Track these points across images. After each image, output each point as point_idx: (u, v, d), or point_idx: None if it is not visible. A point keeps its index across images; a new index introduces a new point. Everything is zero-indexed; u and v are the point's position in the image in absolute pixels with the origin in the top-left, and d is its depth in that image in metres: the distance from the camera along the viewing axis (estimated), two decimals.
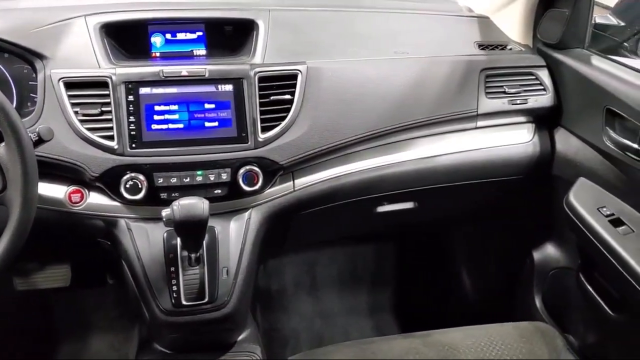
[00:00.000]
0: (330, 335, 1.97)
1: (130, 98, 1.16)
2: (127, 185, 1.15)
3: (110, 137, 1.15)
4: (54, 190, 1.18)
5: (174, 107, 1.18)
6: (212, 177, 1.19)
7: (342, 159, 1.32)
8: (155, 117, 1.17)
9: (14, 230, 0.94)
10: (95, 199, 1.19)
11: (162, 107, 1.17)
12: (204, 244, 1.17)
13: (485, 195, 1.57)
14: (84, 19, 1.22)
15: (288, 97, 1.24)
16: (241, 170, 1.20)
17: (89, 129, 1.14)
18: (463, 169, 1.43)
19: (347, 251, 2.09)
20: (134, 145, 1.15)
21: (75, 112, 1.14)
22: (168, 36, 1.28)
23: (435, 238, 2.04)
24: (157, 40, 1.28)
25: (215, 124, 1.19)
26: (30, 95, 1.19)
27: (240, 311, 1.23)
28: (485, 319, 1.31)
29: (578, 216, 1.26)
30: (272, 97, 1.22)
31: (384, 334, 1.69)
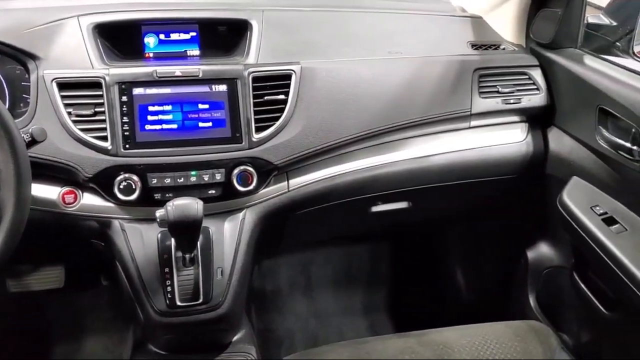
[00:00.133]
0: (325, 335, 1.97)
1: (124, 98, 1.15)
2: (121, 186, 1.14)
3: (104, 138, 1.14)
4: (47, 191, 1.17)
5: (168, 108, 1.18)
6: (206, 178, 1.18)
7: (336, 159, 1.33)
8: (149, 118, 1.17)
9: (7, 231, 0.94)
10: (89, 200, 1.19)
11: (156, 108, 1.17)
12: (198, 245, 1.16)
13: (479, 195, 1.57)
14: (77, 20, 1.21)
15: (282, 97, 1.24)
16: (235, 171, 1.20)
17: (82, 130, 1.13)
18: (457, 168, 1.44)
19: (342, 251, 2.09)
20: (127, 146, 1.15)
21: (69, 113, 1.13)
22: (162, 36, 1.28)
23: (430, 238, 2.04)
24: (150, 40, 1.28)
25: (209, 124, 1.19)
26: (23, 96, 1.18)
27: (235, 311, 1.23)
28: (479, 318, 1.31)
29: (571, 215, 1.27)
30: (266, 97, 1.22)
31: (379, 334, 1.69)
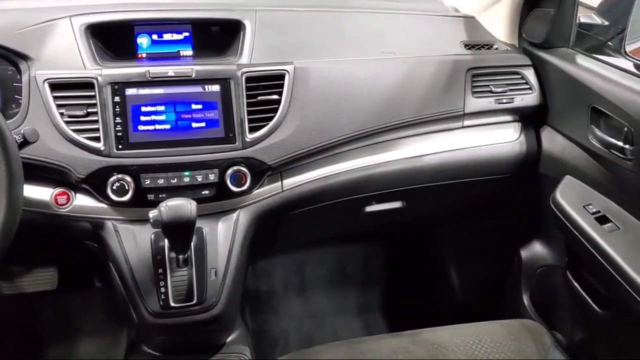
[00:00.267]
0: (320, 335, 1.97)
1: (117, 99, 1.15)
2: (114, 187, 1.14)
3: (97, 139, 1.14)
4: (39, 193, 1.16)
5: (161, 108, 1.17)
6: (199, 178, 1.18)
7: (330, 159, 1.33)
8: (142, 118, 1.16)
9: None
10: (82, 201, 1.18)
11: (149, 108, 1.17)
12: (192, 245, 1.16)
13: (473, 195, 1.58)
14: (69, 20, 1.21)
15: (275, 97, 1.23)
16: (229, 171, 1.19)
17: (74, 131, 1.13)
18: (450, 168, 1.44)
19: (336, 251, 2.09)
20: (120, 147, 1.14)
21: (61, 114, 1.13)
22: (154, 37, 1.28)
23: (424, 237, 2.05)
24: (143, 41, 1.27)
25: (203, 124, 1.19)
26: (15, 96, 1.17)
27: (229, 312, 1.23)
28: (473, 318, 1.32)
29: (564, 214, 1.27)
30: (259, 98, 1.22)
31: (374, 334, 1.70)
